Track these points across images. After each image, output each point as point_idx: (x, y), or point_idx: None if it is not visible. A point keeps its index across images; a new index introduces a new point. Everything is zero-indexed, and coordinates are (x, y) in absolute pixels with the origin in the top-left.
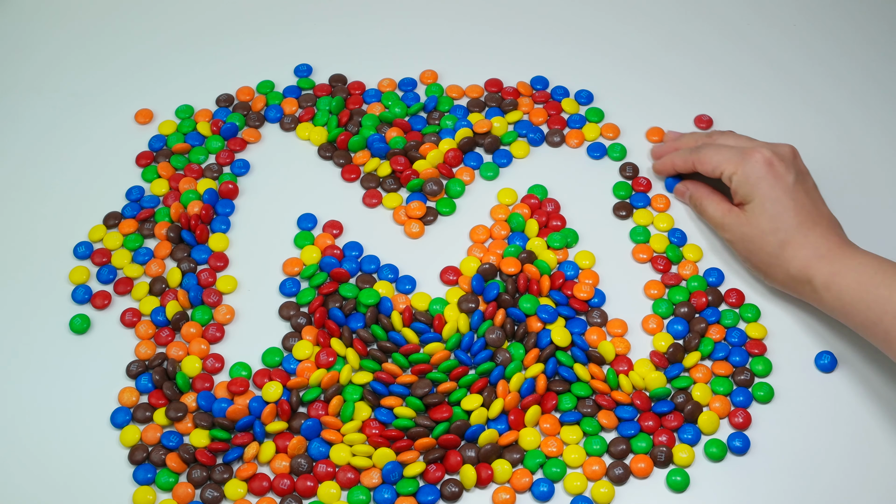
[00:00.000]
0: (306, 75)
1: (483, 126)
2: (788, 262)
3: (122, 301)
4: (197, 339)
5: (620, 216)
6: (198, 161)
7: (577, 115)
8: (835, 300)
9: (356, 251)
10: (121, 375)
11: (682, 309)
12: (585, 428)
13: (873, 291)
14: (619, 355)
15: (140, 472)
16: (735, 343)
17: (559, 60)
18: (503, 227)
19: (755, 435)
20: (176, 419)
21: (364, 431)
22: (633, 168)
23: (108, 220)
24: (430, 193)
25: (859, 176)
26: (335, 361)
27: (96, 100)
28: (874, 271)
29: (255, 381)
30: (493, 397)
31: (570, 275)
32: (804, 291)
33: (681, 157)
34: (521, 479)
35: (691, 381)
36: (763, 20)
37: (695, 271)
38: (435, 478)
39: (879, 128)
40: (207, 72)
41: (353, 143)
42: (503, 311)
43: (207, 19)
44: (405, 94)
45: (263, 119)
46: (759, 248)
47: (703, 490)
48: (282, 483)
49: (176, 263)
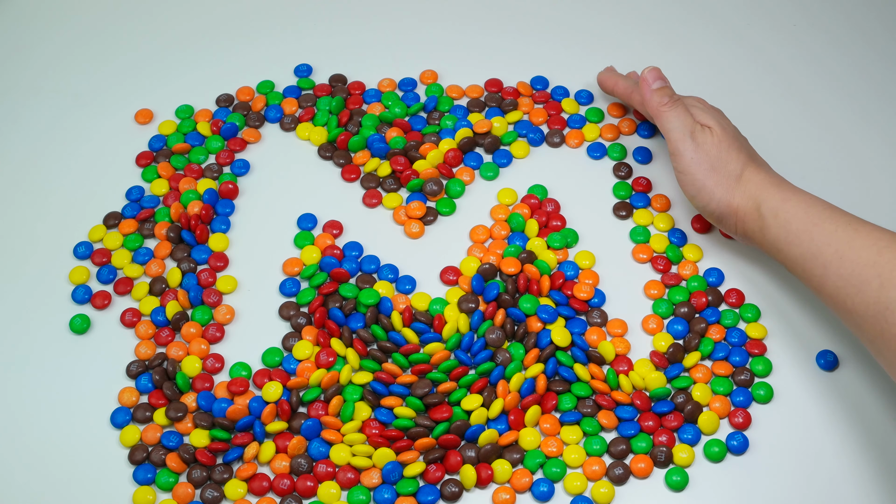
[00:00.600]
0: (306, 75)
1: (483, 126)
2: (745, 183)
3: (122, 301)
4: (197, 339)
5: (620, 216)
6: (198, 161)
7: (577, 115)
8: (780, 228)
9: (356, 251)
10: (121, 375)
11: (682, 309)
12: (585, 428)
13: (819, 224)
14: (619, 355)
15: (140, 472)
16: (735, 343)
17: (559, 60)
18: (503, 227)
19: (755, 435)
20: (176, 419)
21: (364, 431)
22: (628, 168)
23: (108, 220)
24: (430, 193)
25: (859, 175)
26: (335, 361)
27: (96, 100)
28: (822, 207)
29: (255, 381)
30: (493, 397)
31: (570, 275)
32: (748, 219)
33: (627, 80)
34: (521, 479)
35: (691, 381)
36: (762, 20)
37: (695, 271)
38: (435, 478)
39: (879, 128)
40: (207, 72)
41: (353, 143)
42: (503, 311)
43: (207, 19)
44: (405, 94)
45: (263, 119)
46: (722, 166)
47: (702, 490)
48: (282, 483)
49: (176, 263)
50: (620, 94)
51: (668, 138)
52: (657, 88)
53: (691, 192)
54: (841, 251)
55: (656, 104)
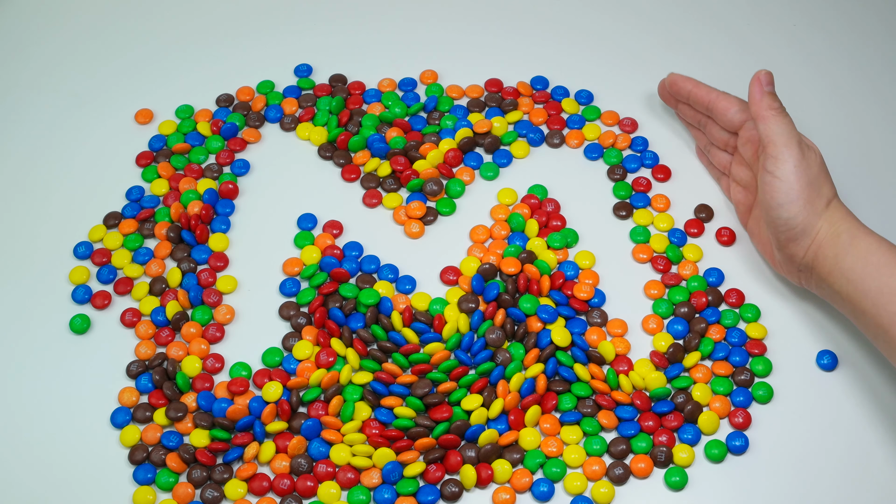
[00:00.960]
0: (306, 75)
1: (483, 126)
2: (832, 210)
3: (122, 301)
4: (197, 339)
5: (620, 216)
6: (198, 161)
7: (577, 115)
8: (858, 258)
9: (356, 251)
10: (121, 375)
11: (682, 309)
12: (585, 428)
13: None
14: (619, 355)
15: (140, 472)
16: (735, 343)
17: (559, 60)
18: (503, 227)
19: (755, 435)
20: (176, 419)
21: (364, 431)
22: (622, 171)
23: (108, 220)
24: (430, 193)
25: (859, 176)
26: (335, 361)
27: (96, 100)
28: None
29: (255, 381)
30: (493, 397)
31: (570, 275)
32: (825, 243)
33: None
34: (521, 479)
35: (691, 381)
36: (762, 20)
37: (695, 271)
38: (435, 478)
39: (879, 128)
40: (207, 72)
41: (353, 143)
42: (503, 311)
43: (207, 19)
44: (405, 94)
45: (263, 119)
46: (818, 186)
47: (702, 490)
48: (282, 483)
49: (176, 263)
50: (701, 97)
51: (770, 141)
52: (770, 91)
53: (781, 201)
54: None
55: (767, 105)
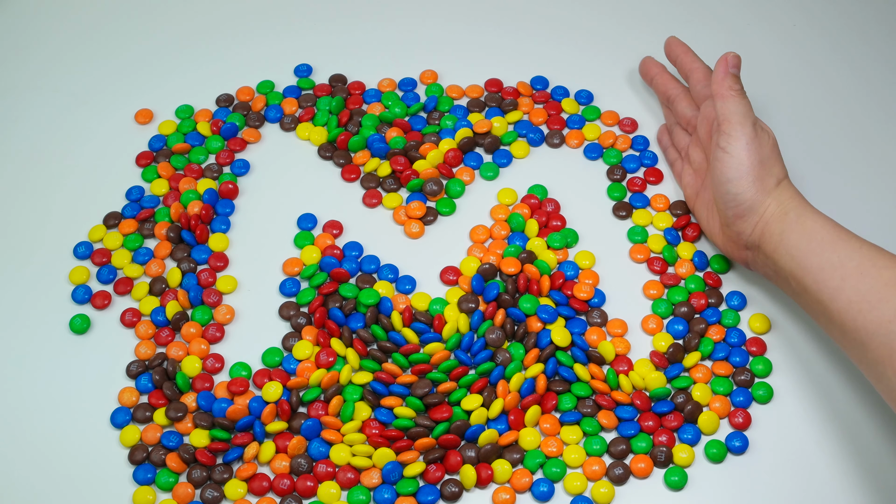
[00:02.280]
0: (306, 75)
1: (483, 126)
2: (781, 190)
3: (122, 301)
4: (197, 339)
5: (620, 216)
6: (198, 161)
7: (577, 115)
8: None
9: (356, 251)
10: (121, 375)
11: (682, 309)
12: (585, 428)
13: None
14: (619, 355)
15: (140, 472)
16: (735, 343)
17: (559, 60)
18: (503, 227)
19: (755, 435)
20: (176, 419)
21: (364, 431)
22: (622, 171)
23: (108, 220)
24: (430, 193)
25: (857, 176)
26: (335, 361)
27: (96, 100)
28: (849, 231)
29: (255, 381)
30: (493, 397)
31: (570, 275)
32: (772, 221)
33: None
34: (521, 479)
35: (691, 381)
36: (762, 20)
37: (691, 270)
38: (435, 478)
39: (878, 128)
40: (207, 72)
41: (353, 143)
42: (503, 311)
43: (207, 19)
44: (405, 94)
45: (263, 119)
46: (769, 166)
47: (702, 490)
48: (282, 483)
49: (176, 263)
50: (686, 63)
51: (725, 119)
52: (734, 74)
53: (730, 176)
54: (863, 266)
55: (728, 86)
